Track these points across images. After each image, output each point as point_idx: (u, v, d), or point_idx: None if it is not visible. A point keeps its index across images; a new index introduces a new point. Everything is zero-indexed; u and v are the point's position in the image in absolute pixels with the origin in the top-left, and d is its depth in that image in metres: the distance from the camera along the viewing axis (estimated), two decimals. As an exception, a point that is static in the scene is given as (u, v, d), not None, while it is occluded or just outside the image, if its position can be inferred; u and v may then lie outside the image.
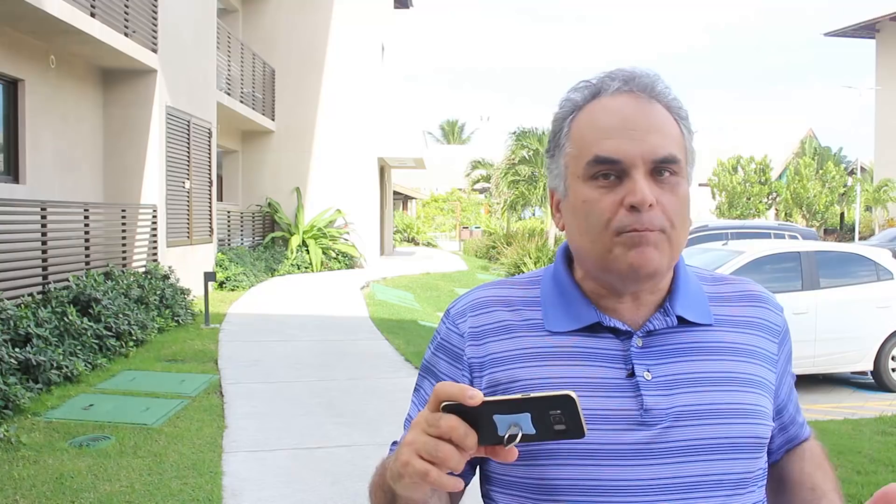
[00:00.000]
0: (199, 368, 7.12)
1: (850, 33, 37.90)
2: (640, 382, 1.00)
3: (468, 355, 1.07)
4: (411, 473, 0.81)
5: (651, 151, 0.98)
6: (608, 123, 1.00)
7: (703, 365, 1.03)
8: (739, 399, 1.02)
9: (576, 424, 0.76)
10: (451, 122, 63.65)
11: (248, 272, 14.03)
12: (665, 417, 0.99)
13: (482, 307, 1.10)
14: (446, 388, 0.79)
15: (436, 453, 0.79)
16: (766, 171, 36.68)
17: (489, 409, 0.77)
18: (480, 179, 30.00)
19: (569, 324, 1.05)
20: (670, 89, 1.04)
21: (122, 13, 9.54)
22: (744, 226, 15.99)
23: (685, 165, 1.03)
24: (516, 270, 18.39)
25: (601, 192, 0.99)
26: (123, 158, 10.58)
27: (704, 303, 1.07)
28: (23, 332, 6.18)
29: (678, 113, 1.04)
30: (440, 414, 0.79)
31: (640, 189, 0.97)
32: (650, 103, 1.01)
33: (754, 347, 1.07)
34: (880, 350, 7.96)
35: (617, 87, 1.02)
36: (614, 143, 0.98)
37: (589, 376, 1.02)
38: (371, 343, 8.74)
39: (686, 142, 1.04)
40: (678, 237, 1.00)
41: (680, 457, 0.99)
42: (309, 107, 18.64)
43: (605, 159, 0.99)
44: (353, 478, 4.42)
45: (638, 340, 1.03)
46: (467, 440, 0.78)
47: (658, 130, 1.00)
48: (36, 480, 4.19)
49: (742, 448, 1.01)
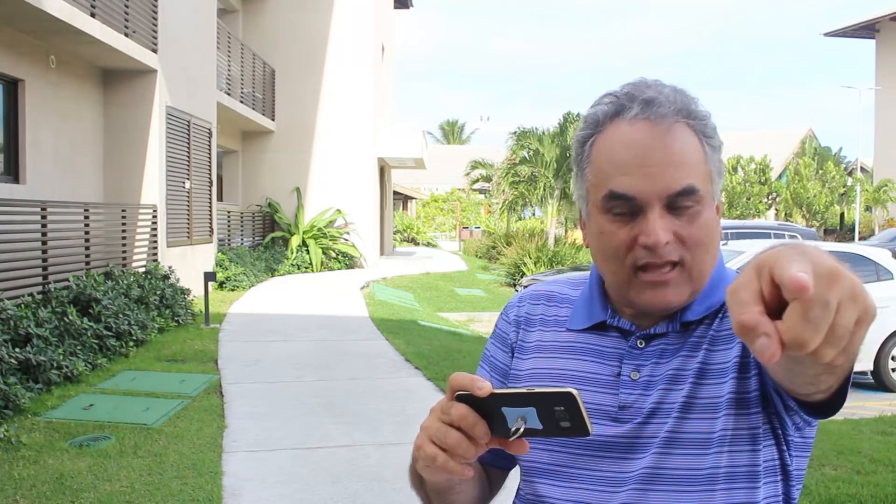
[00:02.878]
0: (199, 368, 7.12)
1: (850, 33, 37.91)
2: (622, 381, 1.04)
3: (512, 339, 1.17)
4: (422, 457, 0.86)
5: (666, 188, 0.97)
6: (623, 159, 0.99)
7: (689, 361, 1.02)
8: (717, 392, 0.99)
9: (579, 422, 0.77)
10: (451, 122, 63.68)
11: (248, 272, 14.03)
12: (637, 414, 1.01)
13: (531, 299, 1.18)
14: (459, 379, 0.82)
15: (444, 439, 0.83)
16: (765, 171, 36.70)
17: (497, 400, 0.80)
18: (480, 179, 29.98)
19: (583, 322, 1.10)
20: (696, 102, 1.01)
21: (122, 13, 9.54)
22: (744, 226, 15.99)
23: (708, 188, 1.00)
24: (516, 270, 18.39)
25: (616, 225, 1.00)
26: (123, 158, 10.58)
27: (719, 303, 1.05)
28: (23, 332, 6.18)
29: (703, 130, 1.01)
30: (453, 402, 0.82)
31: (652, 230, 0.96)
32: (669, 131, 0.98)
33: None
34: (880, 350, 7.96)
35: (635, 113, 0.99)
36: (629, 181, 0.98)
37: (581, 371, 1.07)
38: (371, 343, 8.74)
39: (710, 163, 1.01)
40: (700, 264, 1.00)
41: (650, 451, 1.00)
42: (309, 107, 18.64)
43: (619, 195, 0.99)
44: (353, 478, 4.42)
45: (639, 342, 1.05)
46: (476, 429, 0.81)
47: (675, 163, 0.97)
48: (36, 480, 4.19)
49: (719, 442, 0.97)
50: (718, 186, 1.03)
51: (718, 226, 1.02)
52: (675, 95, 1.00)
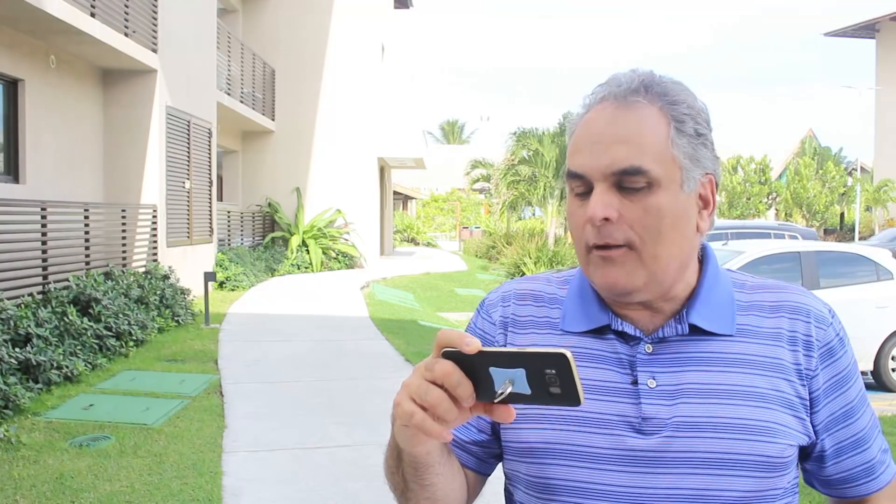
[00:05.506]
0: (199, 368, 7.12)
1: (850, 33, 37.91)
2: (641, 390, 0.99)
3: (499, 342, 1.10)
4: (399, 414, 0.81)
5: (609, 165, 0.96)
6: (580, 137, 1.00)
7: (713, 376, 0.99)
8: (748, 414, 0.98)
9: (570, 389, 0.73)
10: (451, 122, 63.65)
11: (248, 272, 14.03)
12: (665, 427, 0.97)
13: (517, 298, 1.12)
14: (447, 334, 0.79)
15: (425, 396, 0.78)
16: (765, 171, 36.72)
17: (485, 359, 0.76)
18: (480, 179, 29.98)
19: (582, 324, 1.05)
20: (672, 90, 0.99)
21: (122, 13, 9.54)
22: (744, 226, 16.00)
23: (669, 172, 0.96)
24: (516, 270, 18.38)
25: (577, 205, 1.01)
26: (123, 158, 10.58)
27: (728, 312, 1.03)
28: (23, 332, 6.18)
29: (673, 114, 0.97)
30: (438, 359, 0.79)
31: (591, 204, 0.96)
32: (627, 110, 0.97)
33: (776, 360, 1.01)
34: (880, 350, 7.96)
35: (602, 96, 1.00)
36: (581, 158, 0.99)
37: (594, 379, 1.01)
38: (371, 343, 8.74)
39: (676, 148, 0.97)
40: (653, 252, 0.96)
41: (679, 468, 0.97)
42: (309, 107, 18.64)
43: (572, 174, 1.00)
44: (353, 478, 4.42)
45: (647, 347, 1.01)
46: (459, 389, 0.77)
47: (625, 141, 0.96)
48: (36, 480, 4.19)
49: (746, 465, 0.96)
50: (696, 173, 0.98)
51: (686, 214, 0.98)
52: (636, 76, 1.00)
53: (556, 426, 1.00)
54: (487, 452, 1.09)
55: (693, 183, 0.99)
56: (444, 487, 0.98)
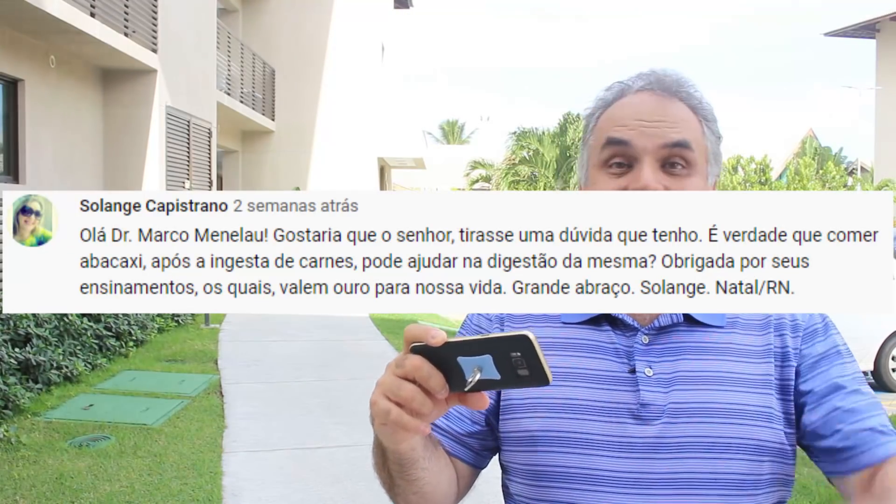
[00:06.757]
0: (199, 368, 7.12)
1: (850, 33, 37.91)
2: (639, 378, 1.01)
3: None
4: (376, 412, 0.82)
5: (661, 136, 1.00)
6: (624, 114, 1.04)
7: (706, 364, 1.02)
8: (740, 399, 1.00)
9: (537, 369, 0.74)
10: (451, 122, 63.64)
11: (248, 272, 14.02)
12: (662, 413, 0.99)
13: None
14: (413, 330, 0.79)
15: (399, 392, 0.79)
16: (766, 171, 36.71)
17: (452, 350, 0.77)
18: (480, 179, 30.00)
19: (579, 315, 1.07)
20: (699, 92, 1.06)
21: (122, 13, 9.54)
22: (744, 226, 15.96)
23: (702, 161, 1.03)
24: (516, 270, 18.39)
25: (611, 177, 1.02)
26: (123, 158, 10.58)
27: None
28: (23, 332, 6.18)
29: (703, 115, 1.05)
30: (408, 355, 0.80)
31: (644, 175, 0.99)
32: (671, 101, 1.03)
33: (766, 346, 1.04)
34: (880, 350, 7.95)
35: (641, 86, 1.05)
36: (625, 130, 1.02)
37: (593, 368, 1.04)
38: (371, 343, 8.74)
39: (708, 142, 1.04)
40: None
41: (675, 452, 0.99)
42: (309, 106, 18.64)
43: (615, 140, 1.02)
44: (353, 478, 4.42)
45: (644, 337, 1.04)
46: (431, 381, 0.78)
47: (672, 124, 1.01)
48: (36, 480, 4.19)
49: (740, 449, 0.98)
50: (715, 170, 1.06)
51: None
52: (679, 77, 1.06)
53: (556, 414, 1.02)
54: (482, 444, 1.10)
55: (713, 178, 1.06)
56: (432, 481, 0.98)
